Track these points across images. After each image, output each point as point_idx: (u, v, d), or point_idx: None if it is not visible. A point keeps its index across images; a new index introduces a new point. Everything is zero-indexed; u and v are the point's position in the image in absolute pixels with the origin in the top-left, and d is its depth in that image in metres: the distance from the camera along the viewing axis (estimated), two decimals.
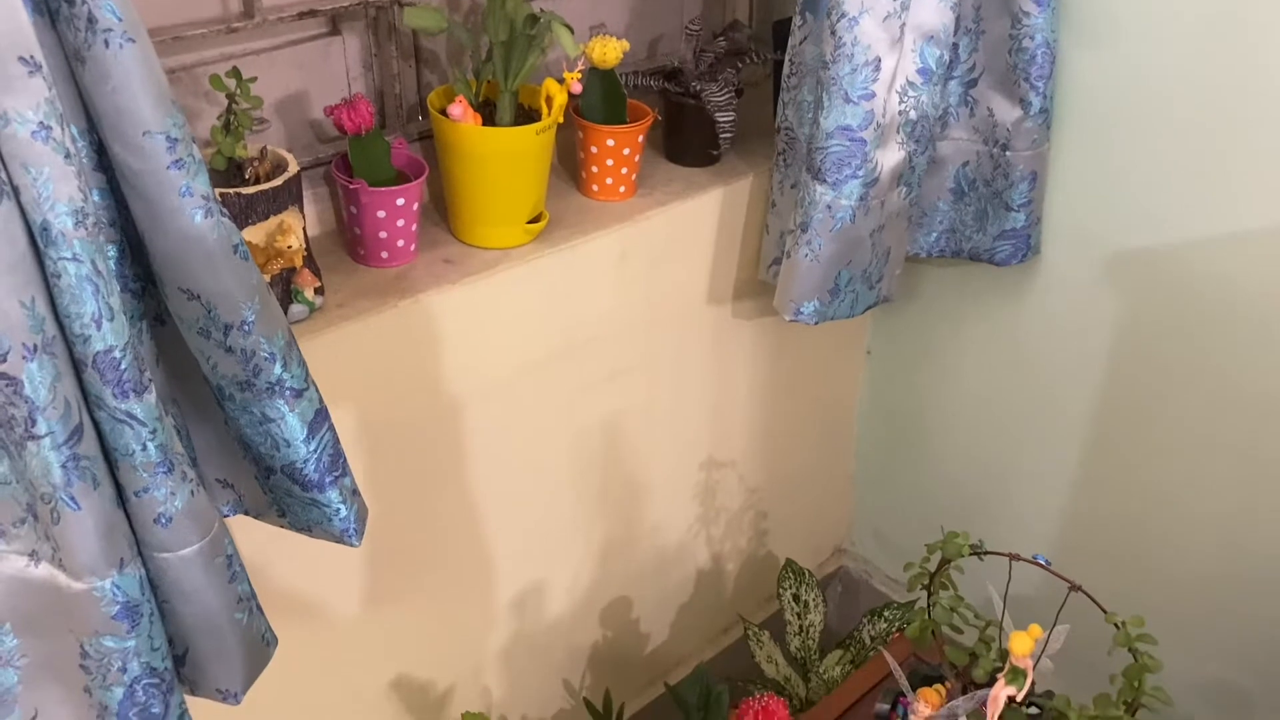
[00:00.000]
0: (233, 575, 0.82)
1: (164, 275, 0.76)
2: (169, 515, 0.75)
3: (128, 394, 0.70)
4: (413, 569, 1.21)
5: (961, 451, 1.60)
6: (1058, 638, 0.94)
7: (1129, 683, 0.90)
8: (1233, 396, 1.27)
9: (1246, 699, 1.37)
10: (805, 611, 1.57)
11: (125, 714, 0.77)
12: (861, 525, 1.81)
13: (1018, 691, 0.97)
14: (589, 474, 1.36)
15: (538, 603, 1.39)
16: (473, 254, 1.14)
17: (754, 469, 1.60)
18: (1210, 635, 1.36)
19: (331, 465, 0.88)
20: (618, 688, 1.51)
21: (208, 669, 0.84)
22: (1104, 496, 1.43)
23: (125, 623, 0.75)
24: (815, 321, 1.26)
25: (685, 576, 1.60)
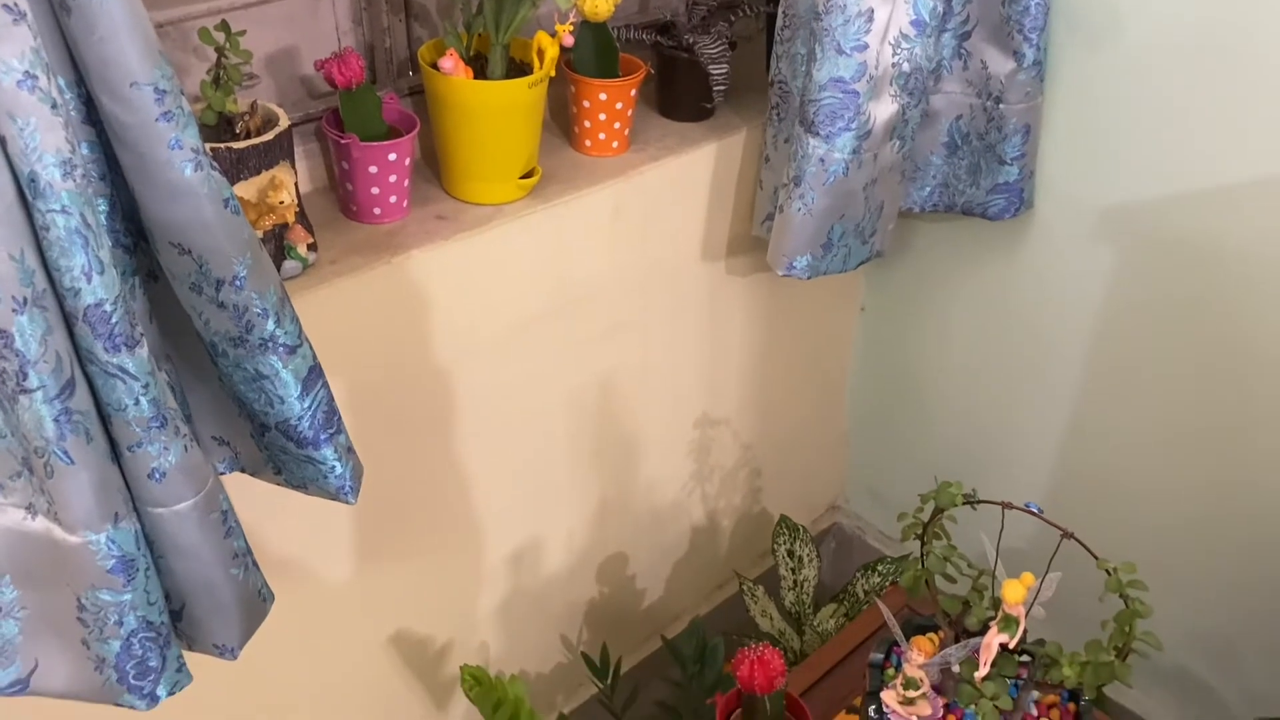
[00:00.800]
0: (228, 531, 0.82)
1: (155, 230, 0.75)
2: (163, 470, 0.75)
3: (119, 348, 0.70)
4: (408, 526, 1.22)
5: (955, 407, 1.60)
6: (1050, 585, 0.95)
7: (1120, 628, 0.91)
8: (1223, 348, 1.27)
9: (1235, 646, 1.38)
10: (799, 567, 1.58)
11: (122, 667, 0.78)
12: (855, 482, 1.82)
13: (1010, 639, 0.97)
14: (584, 431, 1.36)
15: (534, 559, 1.40)
16: (465, 210, 1.14)
17: (748, 426, 1.61)
18: (1200, 584, 1.38)
19: (326, 422, 0.88)
20: (615, 642, 1.52)
21: (204, 624, 0.84)
22: (1096, 449, 1.43)
23: (121, 577, 0.75)
24: (808, 276, 1.26)
25: (680, 533, 1.61)
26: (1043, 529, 0.99)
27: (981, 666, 1.00)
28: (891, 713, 1.04)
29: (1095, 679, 0.94)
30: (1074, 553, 0.97)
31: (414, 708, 1.34)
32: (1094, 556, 0.90)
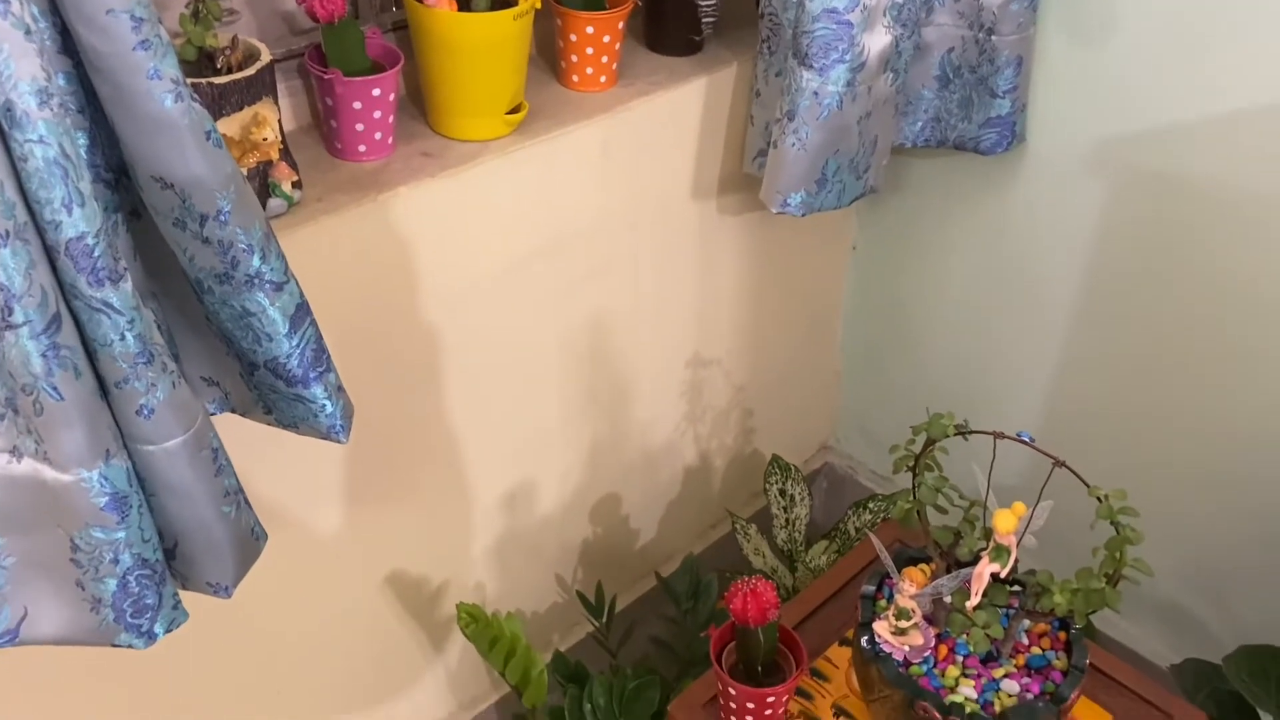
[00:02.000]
0: (219, 469, 0.82)
1: (136, 163, 0.74)
2: (151, 407, 0.75)
3: (103, 282, 0.69)
4: (400, 468, 1.22)
5: (947, 346, 1.60)
6: (1041, 514, 0.95)
7: (1110, 555, 0.91)
8: (1214, 282, 1.27)
9: (1221, 577, 1.40)
10: (791, 505, 1.59)
11: (120, 605, 0.78)
12: (847, 421, 1.83)
13: (1002, 568, 0.98)
14: (575, 373, 1.36)
15: (528, 500, 1.40)
16: (451, 147, 1.12)
17: (740, 367, 1.61)
18: (1188, 516, 1.39)
19: (315, 361, 0.87)
20: (609, 582, 1.53)
21: (198, 562, 0.84)
22: (1088, 384, 1.44)
23: (114, 514, 0.75)
24: (802, 213, 1.25)
25: (673, 473, 1.61)
26: (1034, 463, 0.99)
27: (973, 596, 1.00)
28: (884, 643, 1.05)
29: (1086, 606, 0.95)
30: (1065, 485, 0.97)
31: (411, 648, 1.35)
32: (1085, 484, 0.91)
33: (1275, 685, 1.16)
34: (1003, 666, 1.05)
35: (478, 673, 1.47)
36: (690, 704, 1.15)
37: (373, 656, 1.31)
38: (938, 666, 1.05)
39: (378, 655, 1.32)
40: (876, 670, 1.03)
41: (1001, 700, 1.02)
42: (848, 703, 1.15)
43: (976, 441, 1.01)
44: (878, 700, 1.05)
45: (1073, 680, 1.02)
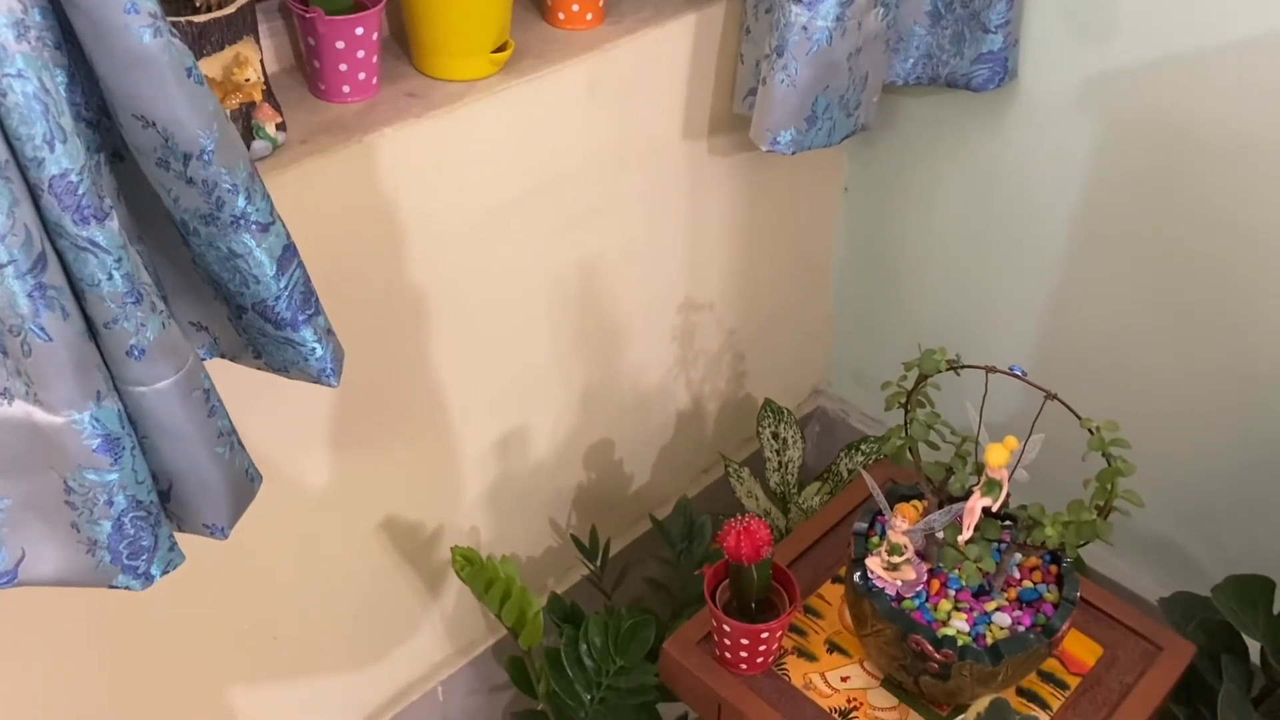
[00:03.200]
0: (211, 410, 0.81)
1: (116, 102, 0.73)
2: (141, 347, 0.74)
3: (88, 220, 0.68)
4: (391, 413, 1.21)
5: (938, 288, 1.60)
6: (1033, 447, 0.96)
7: (1101, 486, 0.92)
8: (1207, 220, 1.27)
9: (1210, 511, 1.41)
10: (784, 448, 1.59)
11: (115, 547, 0.78)
12: (839, 366, 1.83)
13: (993, 502, 0.99)
14: (566, 318, 1.35)
15: (521, 446, 1.40)
16: (437, 87, 1.11)
17: (732, 311, 1.60)
18: (1178, 452, 1.40)
19: (304, 303, 0.87)
20: (604, 526, 1.54)
21: (193, 504, 0.84)
22: (1079, 324, 1.44)
23: (107, 456, 0.75)
24: (792, 151, 1.24)
25: (666, 418, 1.61)
26: (1026, 399, 0.99)
27: (965, 531, 1.01)
28: (876, 578, 1.06)
29: (1077, 538, 0.95)
30: (1056, 420, 0.97)
31: (407, 593, 1.36)
32: (1076, 416, 0.91)
33: (1263, 613, 1.18)
34: (994, 600, 1.06)
35: (474, 617, 1.48)
36: (685, 642, 1.16)
37: (369, 602, 1.32)
38: (930, 601, 1.06)
39: (374, 601, 1.32)
40: (869, 605, 1.04)
41: (993, 632, 1.03)
42: (841, 639, 1.16)
43: (968, 378, 1.02)
44: (871, 635, 1.06)
45: (1064, 612, 1.03)
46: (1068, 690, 1.10)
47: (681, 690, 1.17)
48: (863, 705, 1.10)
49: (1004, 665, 1.00)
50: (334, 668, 1.32)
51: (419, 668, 1.44)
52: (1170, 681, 1.11)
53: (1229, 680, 1.12)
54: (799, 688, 1.11)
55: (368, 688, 1.38)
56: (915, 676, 1.05)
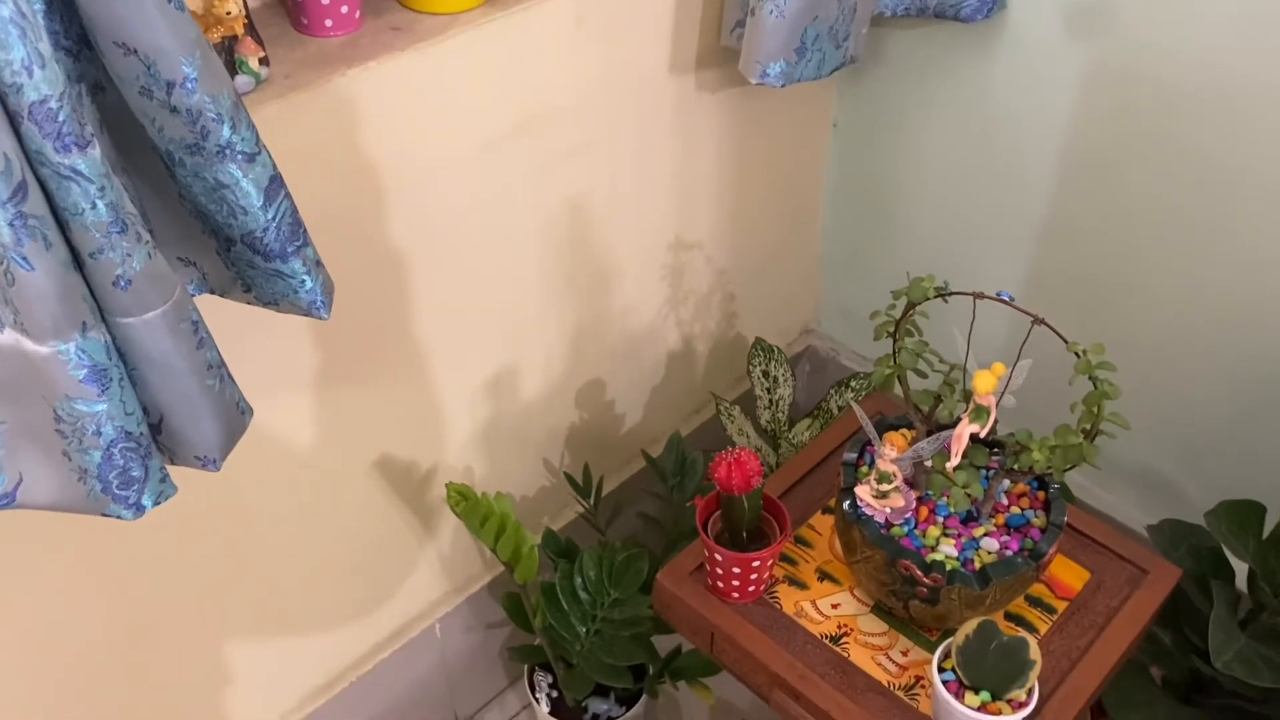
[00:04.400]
0: (200, 341, 0.81)
1: (96, 29, 0.72)
2: (127, 278, 0.74)
3: (69, 148, 0.68)
4: (381, 352, 1.22)
5: (927, 224, 1.60)
6: (1020, 373, 0.96)
7: (1088, 410, 0.93)
8: (1195, 153, 1.26)
9: (1198, 442, 1.42)
10: (774, 387, 1.60)
11: (105, 477, 0.78)
12: (828, 304, 1.83)
13: (981, 429, 1.00)
14: (555, 257, 1.35)
15: (512, 385, 1.40)
16: (420, 20, 1.09)
17: (721, 250, 1.60)
18: (1165, 384, 1.41)
19: (292, 234, 0.86)
20: (596, 465, 1.55)
21: (184, 436, 0.84)
22: (1068, 260, 1.44)
23: (94, 387, 0.75)
24: (781, 84, 1.23)
25: (657, 358, 1.62)
26: (1013, 327, 1.00)
27: (953, 457, 1.02)
28: (865, 506, 1.07)
29: (1064, 462, 0.96)
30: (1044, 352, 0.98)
31: (403, 531, 1.37)
32: (1063, 340, 0.91)
33: (1253, 537, 1.19)
34: (982, 526, 1.07)
35: (470, 555, 1.49)
36: (678, 572, 1.17)
37: (365, 541, 1.33)
38: (918, 528, 1.07)
39: (370, 540, 1.33)
40: (859, 532, 1.05)
41: (981, 557, 1.04)
42: (831, 567, 1.17)
43: (956, 308, 1.02)
44: (860, 562, 1.08)
45: (1051, 536, 1.04)
46: (1055, 614, 1.12)
47: (675, 620, 1.18)
48: (853, 631, 1.11)
49: (992, 589, 1.01)
50: (332, 606, 1.34)
51: (417, 605, 1.45)
52: (1155, 604, 1.12)
53: (1219, 603, 1.14)
54: (790, 615, 1.13)
55: (366, 626, 1.40)
56: (904, 602, 1.06)
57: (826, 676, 1.07)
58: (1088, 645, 1.09)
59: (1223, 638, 1.14)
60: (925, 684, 1.07)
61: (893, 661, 1.09)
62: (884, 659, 1.09)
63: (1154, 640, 1.30)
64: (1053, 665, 1.08)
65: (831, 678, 1.07)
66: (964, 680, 0.99)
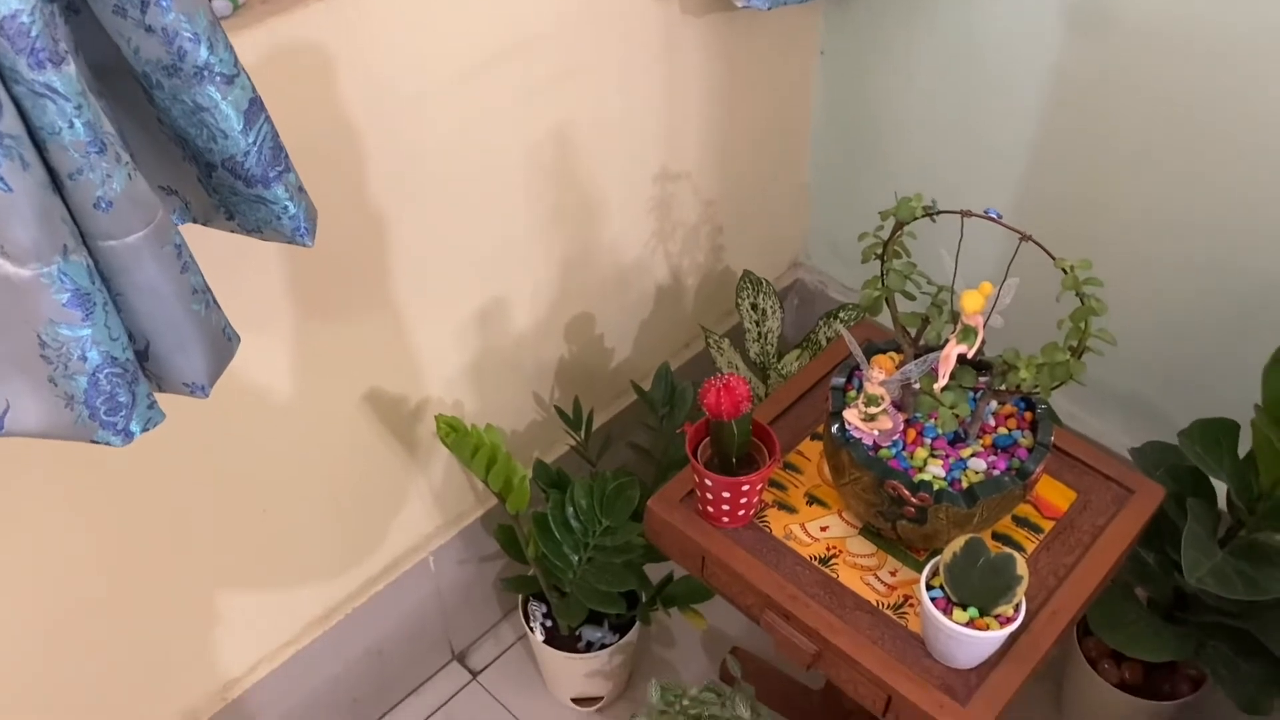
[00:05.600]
0: (184, 266, 0.81)
1: None
2: (108, 199, 0.73)
3: (43, 64, 0.67)
4: (368, 285, 1.21)
5: (915, 154, 1.59)
6: (1008, 292, 0.96)
7: (1075, 326, 0.93)
8: (1183, 77, 1.25)
9: (1183, 367, 1.43)
10: (763, 319, 1.60)
11: (92, 403, 0.78)
12: (816, 237, 1.83)
13: (969, 349, 1.00)
14: (541, 186, 1.34)
15: (501, 318, 1.40)
16: None
17: (709, 182, 1.59)
18: (1151, 307, 1.41)
19: (274, 159, 0.85)
20: (586, 399, 1.55)
21: (171, 362, 0.84)
22: (1055, 183, 1.43)
23: (78, 311, 0.74)
24: (767, 6, 1.21)
25: (645, 292, 1.62)
26: (1001, 247, 0.99)
27: (940, 378, 1.02)
28: (853, 429, 1.07)
29: (1051, 379, 0.97)
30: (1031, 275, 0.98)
31: (395, 466, 1.38)
32: (1051, 257, 0.91)
33: (1227, 454, 1.20)
34: (970, 447, 1.08)
35: (462, 489, 1.50)
36: (668, 499, 1.18)
37: (357, 475, 1.33)
38: (906, 450, 1.08)
39: (362, 473, 1.34)
40: (847, 455, 1.06)
41: (969, 477, 1.05)
42: (819, 491, 1.18)
43: (944, 230, 1.02)
44: (849, 484, 1.09)
45: (1038, 455, 1.05)
46: (1042, 534, 1.13)
47: (666, 546, 1.19)
48: (842, 553, 1.12)
49: (979, 507, 1.02)
50: (325, 540, 1.35)
51: (410, 539, 1.46)
52: (1141, 522, 1.14)
53: (1194, 520, 1.15)
54: (779, 538, 1.14)
55: (360, 559, 1.41)
56: (892, 522, 1.07)
57: (816, 597, 1.09)
58: (1074, 563, 1.11)
59: (1196, 554, 1.15)
60: (913, 603, 1.08)
61: (881, 581, 1.10)
62: (872, 579, 1.10)
63: (1138, 560, 1.32)
64: (1039, 583, 1.09)
65: (821, 598, 1.09)
66: (952, 597, 1.00)
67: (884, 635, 1.06)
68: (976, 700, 1.00)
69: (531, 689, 1.59)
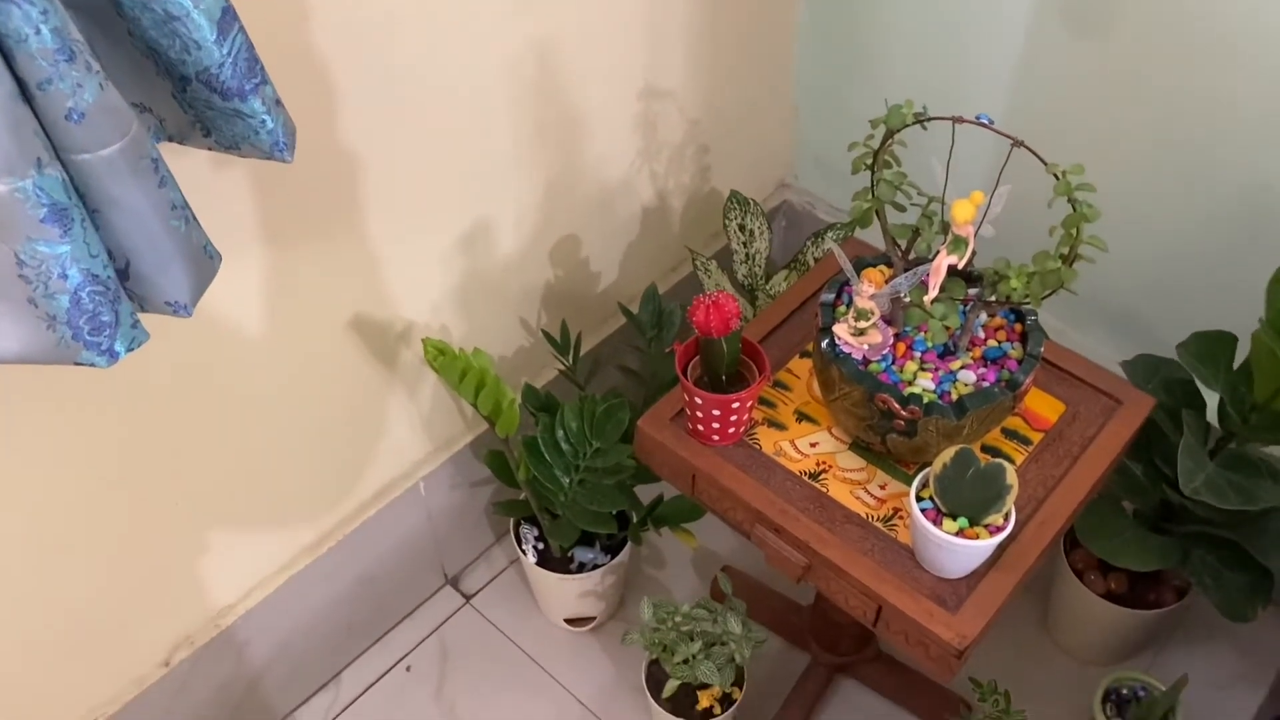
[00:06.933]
0: (162, 180, 0.79)
1: None
2: (80, 110, 0.71)
3: None
4: (350, 206, 1.19)
5: (903, 67, 1.56)
6: (999, 199, 0.95)
7: (1067, 233, 0.92)
8: None
9: (1173, 282, 1.43)
10: (751, 240, 1.59)
11: (75, 323, 0.77)
12: (803, 156, 1.81)
13: (959, 260, 0.99)
14: (524, 105, 1.31)
15: (485, 241, 1.38)
16: None
17: (694, 100, 1.57)
18: (1142, 220, 1.40)
19: (249, 71, 0.83)
20: (574, 323, 1.55)
21: (152, 281, 0.83)
22: (1046, 95, 1.42)
23: (55, 227, 0.73)
24: None
25: (631, 214, 1.60)
26: (993, 160, 0.98)
27: (930, 289, 1.02)
28: (843, 344, 1.07)
29: (1042, 288, 0.96)
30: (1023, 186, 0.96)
31: (383, 393, 1.37)
32: (1043, 162, 0.90)
33: (1223, 366, 1.21)
34: (960, 359, 1.08)
35: (451, 415, 1.50)
36: (658, 418, 1.18)
37: (344, 401, 1.33)
38: (896, 364, 1.08)
39: (349, 399, 1.33)
40: (837, 370, 1.06)
41: (958, 389, 1.05)
42: (809, 408, 1.18)
43: (935, 139, 1.00)
44: (838, 399, 1.08)
45: (1027, 366, 1.05)
46: (1031, 445, 1.14)
47: (656, 465, 1.20)
48: (831, 468, 1.13)
49: (969, 419, 1.02)
50: (315, 467, 1.34)
51: (400, 465, 1.46)
52: (1129, 432, 1.14)
53: (1189, 432, 1.16)
54: (769, 455, 1.14)
55: (350, 486, 1.41)
56: (882, 436, 1.08)
57: (806, 510, 1.09)
58: (1063, 474, 1.12)
59: (1191, 465, 1.16)
60: (903, 515, 1.09)
61: (870, 495, 1.11)
62: (862, 493, 1.11)
63: (1125, 473, 1.33)
64: (1028, 494, 1.10)
65: (811, 511, 1.09)
66: (942, 508, 1.01)
67: (874, 547, 1.07)
68: (966, 608, 1.02)
69: (525, 611, 1.61)
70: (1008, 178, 0.96)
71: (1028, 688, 1.45)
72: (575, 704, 1.52)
